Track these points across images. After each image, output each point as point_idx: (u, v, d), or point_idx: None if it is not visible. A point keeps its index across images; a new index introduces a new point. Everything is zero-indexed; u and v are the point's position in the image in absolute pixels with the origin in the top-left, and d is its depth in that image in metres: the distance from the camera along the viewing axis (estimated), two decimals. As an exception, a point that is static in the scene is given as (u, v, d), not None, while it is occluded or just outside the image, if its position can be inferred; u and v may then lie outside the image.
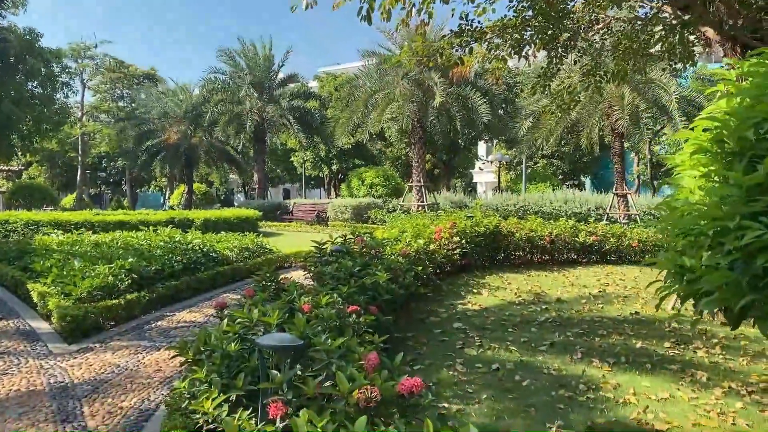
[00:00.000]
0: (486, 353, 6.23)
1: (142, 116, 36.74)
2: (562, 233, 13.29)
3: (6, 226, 15.55)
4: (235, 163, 38.37)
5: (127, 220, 15.99)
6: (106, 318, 7.16)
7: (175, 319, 7.65)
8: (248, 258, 11.06)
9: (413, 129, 23.72)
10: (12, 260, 9.88)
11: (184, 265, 9.17)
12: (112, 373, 5.44)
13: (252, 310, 3.95)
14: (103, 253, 8.76)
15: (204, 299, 8.96)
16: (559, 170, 38.92)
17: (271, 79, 32.79)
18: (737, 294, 2.47)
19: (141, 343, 6.51)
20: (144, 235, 10.69)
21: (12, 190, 35.88)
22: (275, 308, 3.86)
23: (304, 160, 39.71)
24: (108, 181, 57.76)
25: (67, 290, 7.34)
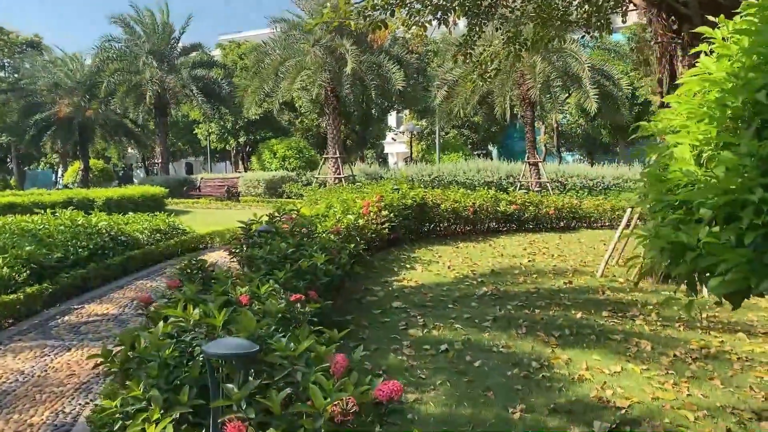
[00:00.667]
0: (432, 333, 5.97)
1: (28, 87, 33.66)
2: (485, 203, 13.31)
3: None
4: (134, 136, 36.08)
5: (18, 203, 14.47)
6: (2, 316, 6.30)
7: (85, 313, 6.87)
8: (160, 240, 10.24)
9: (327, 99, 23.05)
10: None
11: (91, 251, 8.30)
12: (16, 382, 4.72)
13: (189, 307, 3.41)
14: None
15: (115, 288, 8.16)
16: (470, 140, 39.48)
17: (172, 47, 30.87)
18: (761, 273, 2.25)
19: (47, 342, 5.75)
20: (41, 218, 9.61)
21: None
22: (217, 305, 3.34)
23: (209, 132, 37.99)
24: (-11, 159, 53.10)
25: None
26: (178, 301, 4.21)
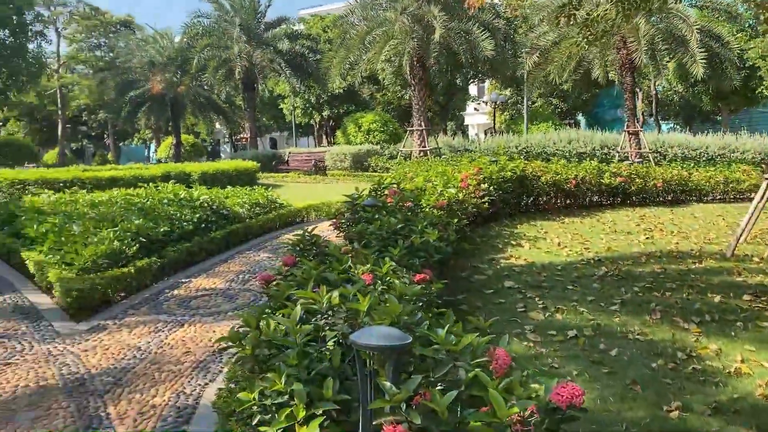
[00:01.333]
0: (555, 317, 5.52)
1: (123, 66, 34.99)
2: (587, 175, 12.55)
3: None
4: (222, 112, 36.91)
5: (120, 176, 14.95)
6: (115, 289, 6.34)
7: (193, 287, 6.84)
8: (259, 214, 10.20)
9: (413, 69, 22.51)
10: (1, 225, 8.95)
11: (195, 224, 8.30)
12: (134, 358, 4.66)
13: (322, 289, 3.13)
14: (104, 215, 7.86)
15: (219, 261, 8.14)
16: (558, 109, 37.92)
17: (258, 21, 31.14)
18: None
19: (160, 317, 5.71)
20: (146, 192, 9.76)
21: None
22: (363, 291, 3.03)
23: (294, 107, 38.30)
24: (90, 135, 56.03)
25: (68, 259, 6.48)
26: (299, 279, 3.98)
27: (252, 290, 6.62)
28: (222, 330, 5.26)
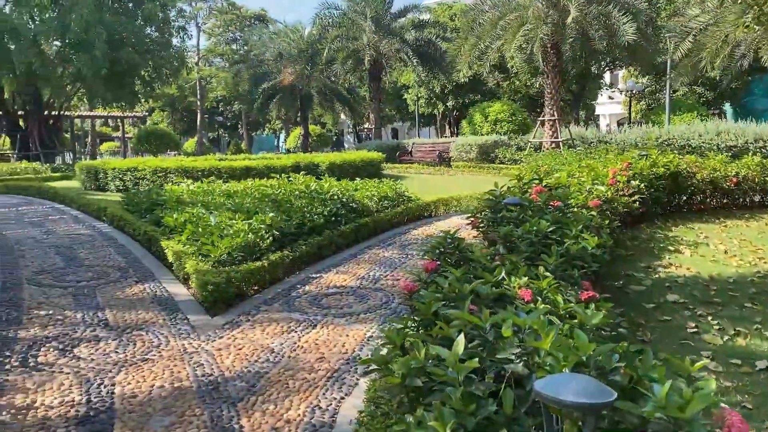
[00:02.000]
0: (737, 342, 4.70)
1: (257, 58, 36.41)
2: (750, 172, 11.12)
3: (135, 173, 15.37)
4: (347, 103, 37.41)
5: (253, 166, 15.32)
6: (249, 283, 6.24)
7: (323, 283, 6.62)
8: (387, 207, 9.91)
9: (546, 56, 21.40)
10: (144, 213, 9.30)
11: (325, 218, 8.13)
12: (267, 362, 4.44)
13: (485, 312, 2.66)
14: (239, 206, 7.87)
15: (348, 257, 7.91)
16: (703, 98, 34.80)
17: (386, 10, 31.10)
18: None
19: (292, 316, 5.51)
20: (278, 183, 9.79)
21: (138, 135, 37.07)
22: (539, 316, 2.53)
23: (418, 96, 38.00)
24: (225, 125, 59.12)
25: (205, 250, 6.48)
26: (446, 292, 3.54)
27: (383, 290, 6.29)
28: (355, 334, 4.96)
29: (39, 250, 8.32)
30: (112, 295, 6.18)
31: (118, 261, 7.69)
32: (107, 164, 16.37)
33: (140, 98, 32.42)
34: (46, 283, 6.58)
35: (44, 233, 9.67)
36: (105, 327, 5.22)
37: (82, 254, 8.07)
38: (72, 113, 35.35)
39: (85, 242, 8.89)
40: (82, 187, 17.00)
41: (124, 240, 9.01)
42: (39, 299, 6.00)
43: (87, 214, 11.65)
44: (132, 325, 5.29)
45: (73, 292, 6.25)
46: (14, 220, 11.09)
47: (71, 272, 7.10)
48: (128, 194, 10.48)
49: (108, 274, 7.03)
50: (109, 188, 15.91)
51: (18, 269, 7.22)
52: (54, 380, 4.10)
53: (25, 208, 12.99)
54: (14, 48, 22.33)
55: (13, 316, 5.47)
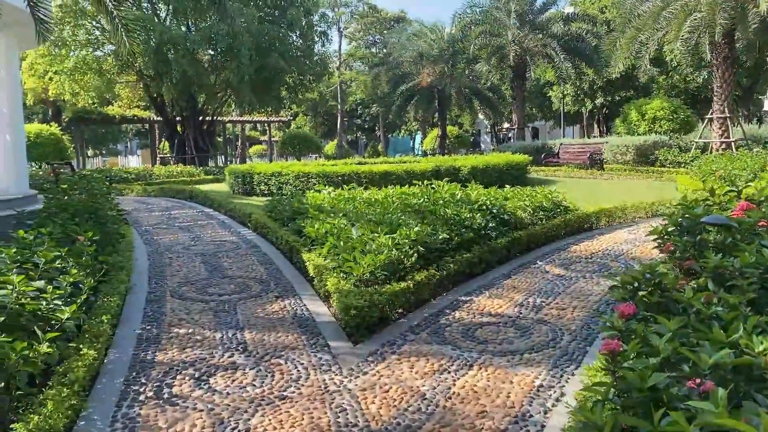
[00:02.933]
0: None
1: (396, 60, 36.37)
2: None
3: (279, 178, 15.53)
4: (488, 102, 36.27)
5: (392, 171, 14.91)
6: (393, 306, 5.63)
7: (475, 309, 5.86)
8: (543, 219, 8.94)
9: (716, 47, 19.07)
10: (286, 221, 9.07)
11: (474, 231, 7.36)
12: (419, 412, 3.77)
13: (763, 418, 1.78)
14: (381, 217, 7.32)
15: (500, 276, 7.09)
16: None
17: (531, 5, 29.68)
18: None
19: (443, 350, 4.81)
20: (420, 191, 9.17)
21: (283, 139, 38.47)
22: None
23: (564, 94, 36.01)
24: (363, 128, 60.12)
25: (347, 267, 5.96)
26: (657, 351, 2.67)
27: (548, 322, 5.41)
28: (521, 381, 4.15)
29: (186, 258, 8.32)
30: (252, 313, 5.84)
31: (259, 272, 7.43)
32: (253, 169, 16.73)
33: (285, 103, 33.53)
34: (189, 296, 6.41)
35: (192, 239, 9.77)
36: (243, 352, 4.83)
37: (226, 263, 7.94)
38: (224, 118, 37.39)
39: (230, 250, 8.80)
40: (231, 191, 17.53)
41: (266, 248, 8.83)
42: (180, 315, 5.79)
43: (233, 219, 11.77)
44: (271, 350, 4.86)
45: (214, 308, 6.00)
46: (166, 225, 11.42)
47: (214, 284, 6.92)
48: (271, 201, 10.39)
49: (249, 287, 6.75)
50: (255, 192, 16.22)
51: (164, 279, 7.16)
52: (187, 419, 3.70)
53: (177, 212, 13.48)
54: (172, 57, 23.77)
55: (153, 334, 5.26)
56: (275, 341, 5.07)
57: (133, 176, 22.13)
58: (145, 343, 5.05)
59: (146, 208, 14.39)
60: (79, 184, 10.84)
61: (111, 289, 5.80)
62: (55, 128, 28.10)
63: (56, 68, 25.87)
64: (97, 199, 8.93)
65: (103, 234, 6.97)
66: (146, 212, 13.50)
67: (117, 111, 33.98)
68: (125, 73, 28.30)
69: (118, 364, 4.60)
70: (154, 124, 34.78)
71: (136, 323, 5.56)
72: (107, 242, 7.18)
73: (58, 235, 6.05)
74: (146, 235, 10.20)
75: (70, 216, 7.57)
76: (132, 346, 4.97)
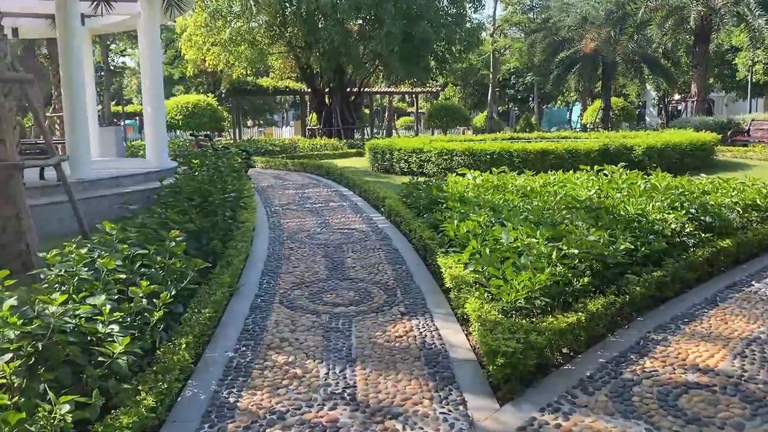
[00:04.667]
0: None
1: (555, 25, 33.43)
2: None
3: (420, 155, 14.25)
4: (661, 70, 32.20)
5: (550, 150, 12.98)
6: (555, 348, 4.12)
7: (674, 356, 4.18)
8: (753, 221, 6.83)
9: None
10: (422, 211, 7.76)
11: (667, 238, 5.55)
12: None
13: None
14: (540, 215, 5.75)
15: (702, 303, 5.25)
16: None
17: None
18: None
19: (629, 426, 3.24)
20: (589, 178, 7.40)
21: (430, 111, 37.13)
22: None
23: (753, 61, 31.06)
24: (515, 98, 57.12)
25: (494, 286, 4.52)
26: None
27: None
28: None
29: (307, 249, 7.30)
30: (370, 336, 4.61)
31: (386, 275, 6.19)
32: (393, 145, 15.57)
33: (433, 74, 32.11)
34: (300, 305, 5.31)
35: (319, 225, 8.79)
36: (350, 402, 3.61)
37: (350, 260, 6.80)
38: (371, 89, 36.79)
39: (357, 241, 7.68)
40: (370, 167, 16.61)
41: (398, 242, 7.59)
42: (284, 332, 4.70)
43: (366, 202, 10.71)
44: (386, 403, 3.59)
45: (326, 325, 4.84)
46: (296, 206, 10.59)
47: (331, 288, 5.78)
48: (408, 186, 9.10)
49: (371, 296, 5.53)
50: (394, 170, 15.12)
51: (278, 278, 6.16)
52: None
53: (311, 190, 12.68)
54: (321, 26, 23.24)
55: (245, 362, 4.19)
56: (393, 388, 3.78)
57: (278, 148, 22.01)
58: (233, 374, 3.99)
59: (281, 184, 13.79)
60: (209, 160, 10.32)
61: (206, 296, 4.83)
62: (212, 99, 29.00)
63: (213, 39, 26.45)
64: (221, 178, 8.21)
65: (211, 223, 6.08)
66: (281, 189, 12.86)
67: (270, 82, 34.52)
68: (276, 44, 28.37)
69: (190, 410, 3.55)
70: (305, 96, 34.99)
71: (230, 341, 4.54)
72: (218, 231, 6.29)
73: (154, 226, 5.19)
74: (273, 218, 9.39)
75: (187, 197, 6.82)
76: (216, 379, 3.93)
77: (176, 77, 44.70)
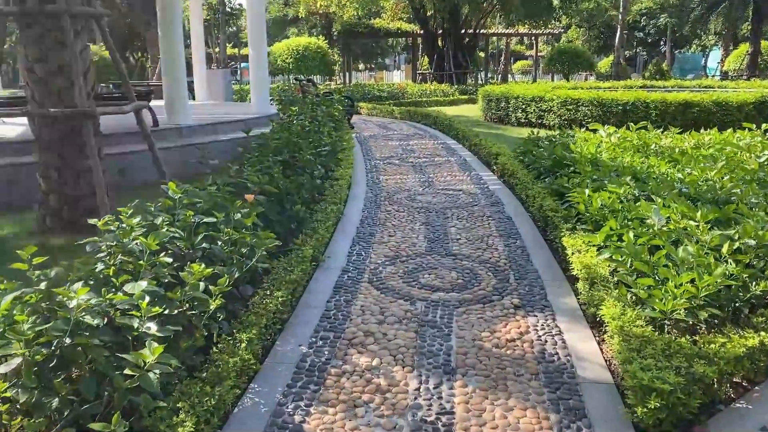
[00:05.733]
0: None
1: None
2: None
3: (540, 104, 12.82)
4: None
5: (695, 101, 11.11)
6: (727, 376, 3.04)
7: None
8: None
9: None
10: (543, 173, 6.63)
11: None
12: None
13: None
14: (698, 189, 4.51)
15: None
16: None
17: None
18: None
19: None
20: (757, 141, 5.93)
21: (551, 55, 34.56)
22: None
23: None
24: (645, 42, 52.41)
25: (640, 288, 3.46)
26: None
27: None
28: None
29: (406, 214, 6.44)
30: (475, 337, 3.72)
31: (497, 252, 5.22)
32: (510, 92, 14.16)
33: (556, 14, 29.64)
34: (391, 287, 4.49)
35: (422, 184, 7.88)
36: None
37: (454, 229, 5.87)
38: (487, 31, 34.70)
39: (463, 206, 6.72)
40: (483, 116, 15.36)
41: (512, 207, 6.55)
42: (370, 323, 3.90)
43: (476, 158, 9.63)
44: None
45: (420, 317, 3.99)
46: (398, 160, 9.71)
47: (430, 266, 4.90)
48: (526, 141, 7.92)
49: (478, 280, 4.61)
50: (510, 120, 13.81)
51: (370, 248, 5.36)
52: None
53: (416, 142, 11.71)
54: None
55: (320, 361, 3.44)
56: (503, 419, 2.90)
57: (385, 94, 21.08)
58: (304, 379, 3.26)
59: (385, 134, 12.92)
60: (307, 108, 9.61)
61: (282, 273, 4.10)
62: (323, 42, 28.40)
63: (324, -21, 25.69)
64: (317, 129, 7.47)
65: (296, 184, 5.33)
66: (383, 140, 12.00)
67: (382, 24, 33.36)
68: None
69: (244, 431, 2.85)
70: (416, 38, 33.61)
71: (307, 330, 3.81)
72: (305, 193, 5.54)
73: (229, 188, 4.50)
74: (372, 173, 8.58)
75: (274, 151, 6.12)
76: (284, 385, 3.20)
77: (290, 17, 44.45)
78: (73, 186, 5.18)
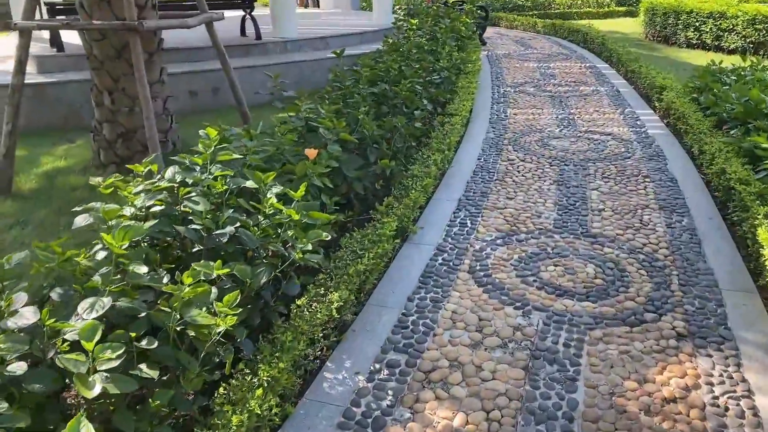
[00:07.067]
0: None
1: None
2: None
3: (719, 22, 10.31)
4: None
5: None
6: None
7: None
8: None
9: None
10: (726, 122, 4.91)
11: None
12: None
13: None
14: None
15: None
16: None
17: None
18: None
19: None
20: None
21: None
22: None
23: None
24: None
25: None
26: None
27: None
28: None
29: (533, 166, 5.06)
30: (612, 390, 2.51)
31: (655, 236, 3.79)
32: (681, 5, 11.60)
33: None
34: (498, 283, 3.29)
35: (559, 123, 6.35)
36: None
37: (595, 194, 4.45)
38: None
39: (611, 158, 5.21)
40: (643, 35, 12.97)
41: (678, 165, 4.96)
42: (461, 345, 2.77)
43: (633, 90, 7.80)
44: None
45: (537, 340, 2.80)
46: (533, 88, 8.09)
47: (557, 253, 3.60)
48: (704, 73, 6.01)
49: (624, 281, 3.29)
50: (678, 40, 11.43)
51: (478, 215, 4.14)
52: None
53: (558, 64, 9.84)
54: None
55: (380, 408, 2.39)
56: None
57: (529, 3, 18.74)
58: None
59: (521, 54, 11.10)
60: (427, 22, 8.18)
61: (350, 259, 3.04)
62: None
63: None
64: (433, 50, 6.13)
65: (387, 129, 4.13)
66: (518, 61, 10.26)
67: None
68: None
69: None
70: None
71: (369, 349, 2.76)
72: (397, 141, 4.33)
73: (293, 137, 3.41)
74: (498, 105, 7.12)
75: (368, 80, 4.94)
76: None
77: None
78: (127, 115, 4.37)
